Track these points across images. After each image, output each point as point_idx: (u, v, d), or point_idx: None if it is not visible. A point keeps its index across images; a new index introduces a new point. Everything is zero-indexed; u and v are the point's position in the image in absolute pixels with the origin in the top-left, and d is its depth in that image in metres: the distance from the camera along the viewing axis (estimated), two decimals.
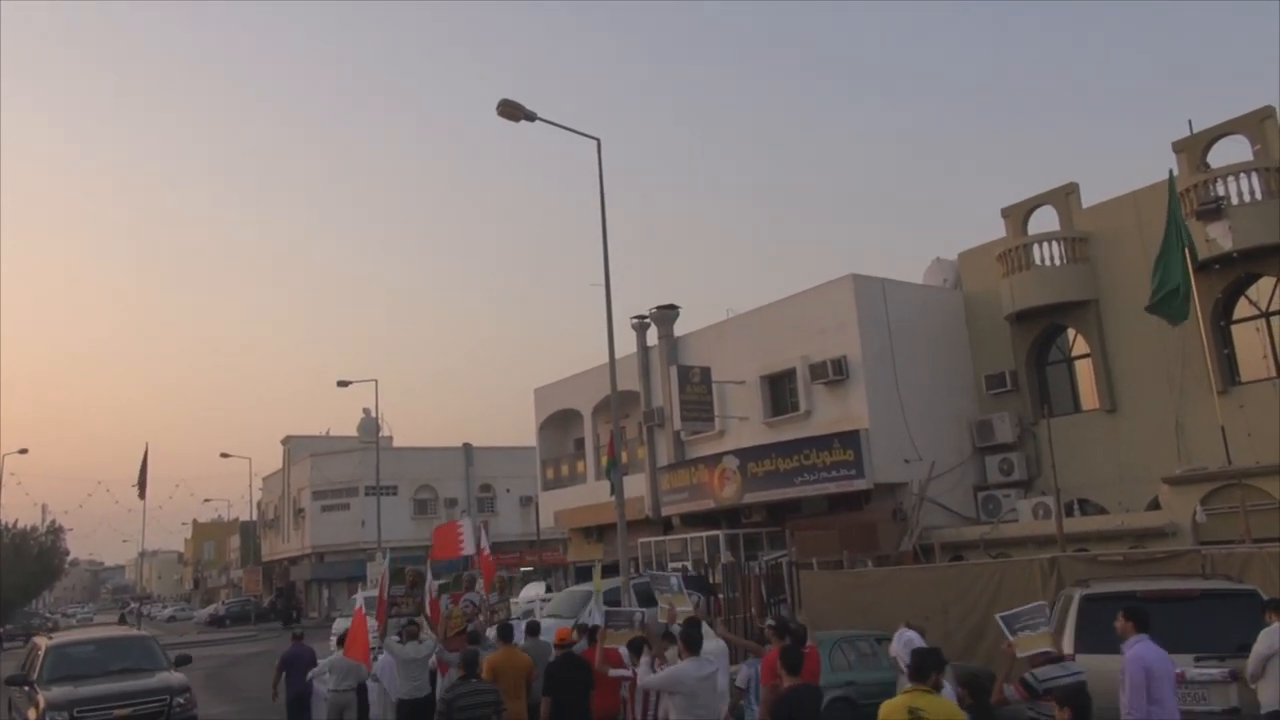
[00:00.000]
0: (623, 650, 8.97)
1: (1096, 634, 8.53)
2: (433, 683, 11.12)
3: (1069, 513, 18.23)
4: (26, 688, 12.93)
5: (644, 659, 8.01)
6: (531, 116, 15.90)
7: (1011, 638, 7.74)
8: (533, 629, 12.00)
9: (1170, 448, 17.94)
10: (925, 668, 5.60)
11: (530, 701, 9.40)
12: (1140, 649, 6.70)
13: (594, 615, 14.45)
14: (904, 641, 7.57)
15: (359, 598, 15.06)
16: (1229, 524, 14.31)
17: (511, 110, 15.78)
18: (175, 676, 13.16)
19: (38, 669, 13.09)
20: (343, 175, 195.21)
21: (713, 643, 8.90)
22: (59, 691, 12.16)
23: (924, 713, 5.26)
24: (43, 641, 14.37)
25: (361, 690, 12.66)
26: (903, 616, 13.74)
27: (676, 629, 8.07)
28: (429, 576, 13.28)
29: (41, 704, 11.93)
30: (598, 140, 16.41)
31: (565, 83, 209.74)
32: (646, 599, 16.97)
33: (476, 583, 16.53)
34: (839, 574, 16.31)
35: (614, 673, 8.41)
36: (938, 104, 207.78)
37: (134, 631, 16.84)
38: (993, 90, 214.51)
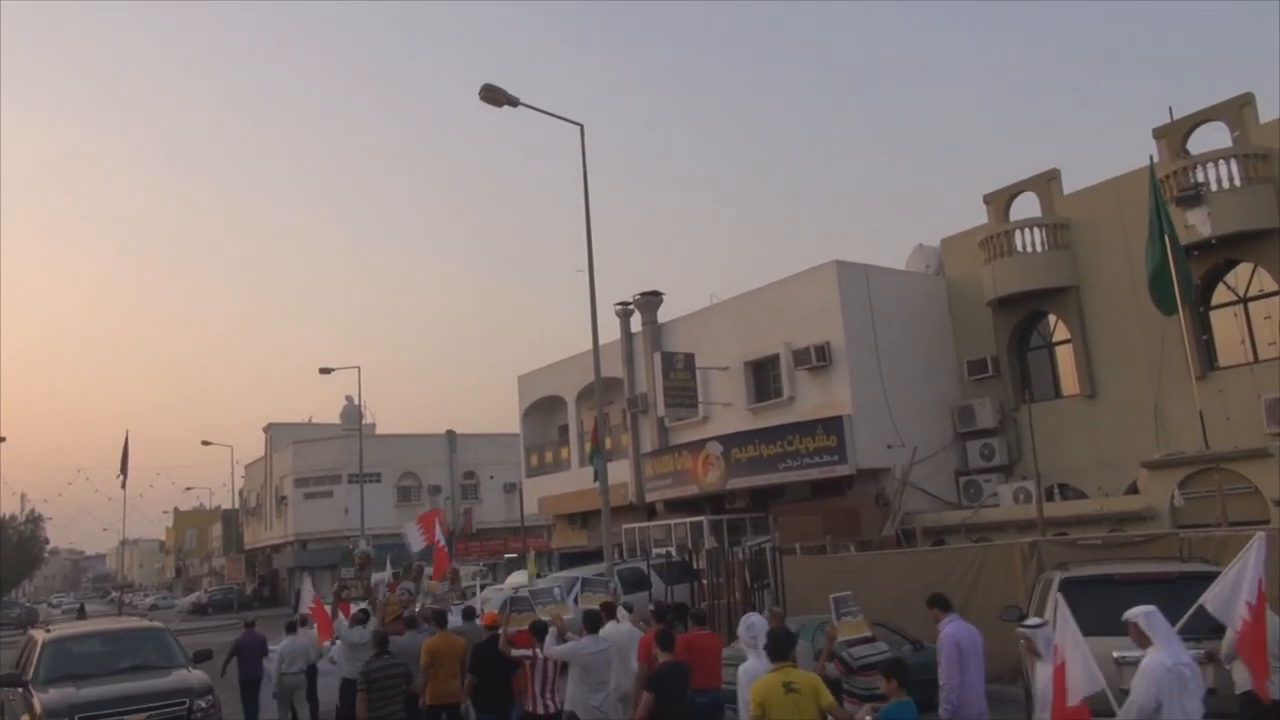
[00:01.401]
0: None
1: (1076, 617, 8.62)
2: None
3: (1049, 497, 18.38)
4: (20, 689, 11.20)
5: (550, 634, 8.91)
6: (514, 102, 15.81)
7: (836, 623, 8.81)
8: (468, 614, 12.60)
9: (1149, 432, 18.11)
10: (785, 647, 6.59)
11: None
12: (951, 628, 7.81)
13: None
14: (747, 625, 8.43)
15: (307, 590, 15.27)
16: (1206, 507, 14.47)
17: (494, 95, 15.69)
18: (195, 675, 11.43)
19: (33, 667, 11.30)
20: (325, 162, 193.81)
21: (623, 625, 9.88)
22: (58, 694, 10.50)
23: (795, 684, 6.20)
24: (39, 635, 12.37)
25: (311, 672, 13.57)
26: (886, 600, 13.88)
27: (570, 635, 8.97)
28: (388, 565, 13.87)
29: (38, 708, 10.34)
30: (580, 126, 16.36)
31: (548, 69, 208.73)
32: (632, 585, 17.13)
33: (425, 572, 17.84)
34: (822, 559, 16.40)
35: (516, 653, 9.20)
36: (919, 91, 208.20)
37: (145, 622, 14.04)
38: (974, 77, 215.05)
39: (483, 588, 23.95)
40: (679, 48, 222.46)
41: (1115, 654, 8.43)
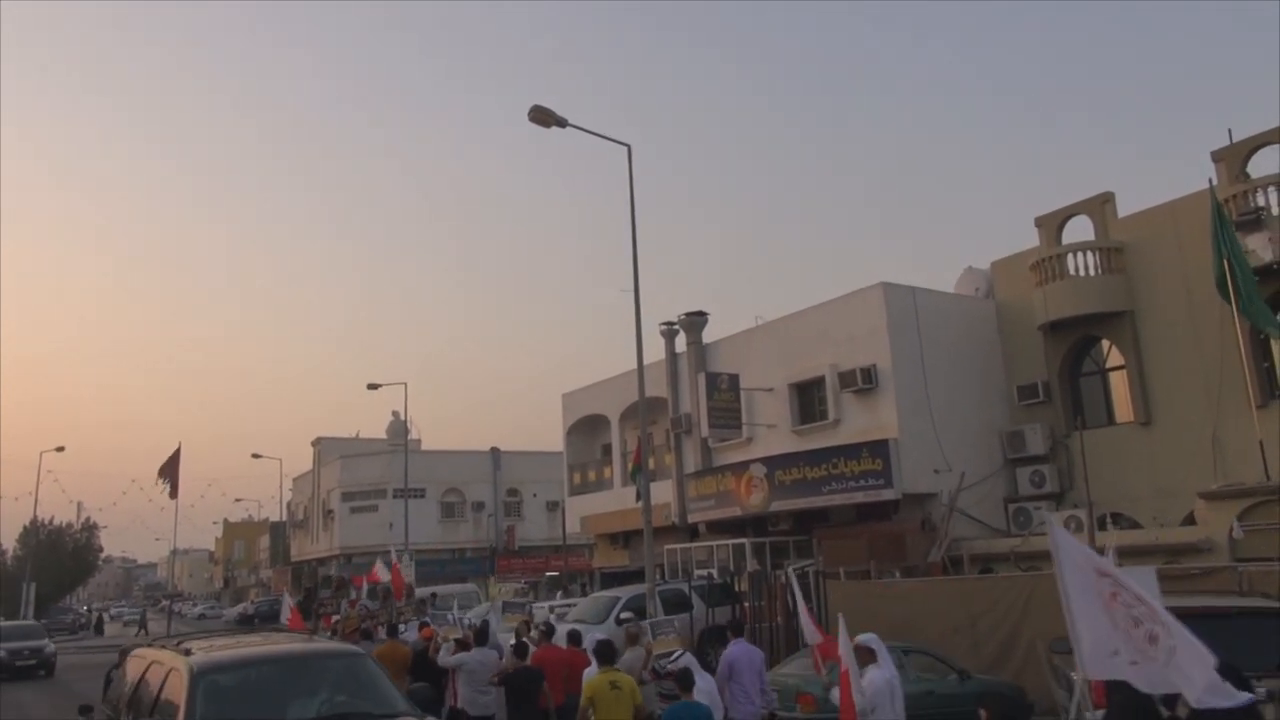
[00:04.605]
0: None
1: None
2: None
3: (1102, 526, 17.97)
4: None
5: (444, 647, 11.66)
6: (563, 123, 15.99)
7: (652, 640, 11.16)
8: (422, 628, 14.78)
9: (1207, 462, 17.65)
10: (609, 654, 8.93)
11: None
12: (732, 649, 10.03)
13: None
14: (591, 640, 10.55)
15: (286, 604, 16.28)
16: (1267, 540, 14.05)
17: (543, 116, 15.88)
18: None
19: (180, 716, 6.76)
20: (373, 180, 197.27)
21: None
22: None
23: (618, 683, 8.26)
24: (179, 663, 7.43)
25: None
26: (931, 627, 13.67)
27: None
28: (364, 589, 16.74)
29: None
30: (628, 147, 16.47)
31: (594, 88, 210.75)
32: (674, 606, 17.08)
33: (387, 594, 23.40)
34: (866, 584, 16.19)
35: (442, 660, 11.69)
36: (970, 111, 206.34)
37: (332, 644, 9.75)
38: (1027, 97, 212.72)
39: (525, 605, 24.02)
40: (724, 66, 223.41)
41: None
